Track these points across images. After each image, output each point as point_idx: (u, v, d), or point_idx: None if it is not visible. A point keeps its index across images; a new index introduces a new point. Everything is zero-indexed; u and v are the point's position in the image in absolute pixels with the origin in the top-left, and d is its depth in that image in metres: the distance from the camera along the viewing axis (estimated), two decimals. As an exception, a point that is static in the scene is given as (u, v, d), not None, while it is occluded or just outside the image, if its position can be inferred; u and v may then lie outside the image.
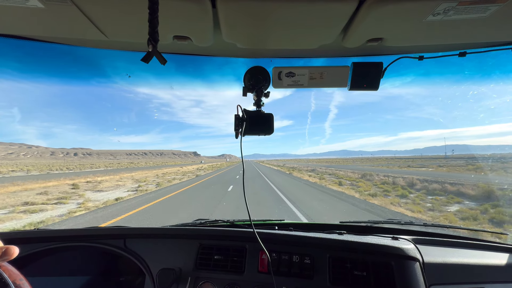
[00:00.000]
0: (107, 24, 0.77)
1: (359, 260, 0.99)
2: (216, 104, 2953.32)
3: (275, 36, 0.84)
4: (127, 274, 1.27)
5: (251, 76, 0.96)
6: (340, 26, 0.77)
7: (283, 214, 7.21)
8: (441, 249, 1.10)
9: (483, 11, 0.68)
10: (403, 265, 0.95)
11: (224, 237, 1.17)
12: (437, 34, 0.83)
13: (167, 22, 0.73)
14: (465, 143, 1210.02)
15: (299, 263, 1.02)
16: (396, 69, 1.00)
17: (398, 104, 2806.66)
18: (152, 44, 0.54)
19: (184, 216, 7.26)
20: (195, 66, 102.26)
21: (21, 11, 0.70)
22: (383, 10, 0.67)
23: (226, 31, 0.80)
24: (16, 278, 0.47)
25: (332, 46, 0.96)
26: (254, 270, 1.05)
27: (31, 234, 1.23)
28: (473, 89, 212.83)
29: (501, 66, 1.25)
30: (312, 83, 1.00)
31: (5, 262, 0.47)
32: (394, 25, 0.76)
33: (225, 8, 0.68)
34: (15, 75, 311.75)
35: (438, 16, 0.70)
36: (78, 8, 0.67)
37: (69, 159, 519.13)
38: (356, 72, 0.97)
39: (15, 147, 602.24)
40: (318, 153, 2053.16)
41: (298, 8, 0.68)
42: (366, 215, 7.31)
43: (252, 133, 0.96)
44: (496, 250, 1.11)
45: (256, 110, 0.97)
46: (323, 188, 14.19)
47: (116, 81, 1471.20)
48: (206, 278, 1.07)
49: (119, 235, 1.22)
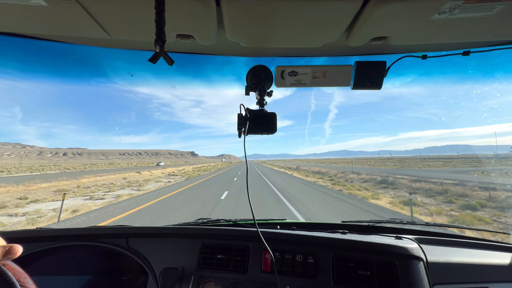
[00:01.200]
0: (110, 23, 0.77)
1: (363, 259, 0.99)
2: (216, 104, 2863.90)
3: (279, 34, 0.84)
4: (129, 273, 1.27)
5: (254, 75, 0.96)
6: (344, 25, 0.77)
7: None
8: (444, 248, 1.10)
9: (489, 9, 0.67)
10: (407, 264, 0.95)
11: (227, 237, 1.16)
12: (442, 33, 0.82)
13: (170, 21, 0.73)
14: (465, 143, 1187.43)
15: (303, 263, 1.02)
16: (397, 69, 1.00)
17: (399, 104, 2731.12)
18: (159, 44, 0.55)
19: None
20: (196, 65, 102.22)
21: (23, 9, 0.69)
22: (388, 9, 0.67)
23: (230, 29, 0.80)
24: (21, 276, 0.47)
25: (336, 45, 0.96)
26: (257, 270, 1.05)
27: (32, 234, 1.23)
28: (476, 88, 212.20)
29: (504, 65, 1.25)
30: (315, 82, 0.99)
31: (9, 261, 0.47)
32: (399, 24, 0.76)
33: (229, 6, 0.68)
34: (15, 75, 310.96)
35: (443, 14, 0.69)
36: (81, 6, 0.67)
37: (56, 159, 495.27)
38: (359, 71, 0.96)
39: (8, 146, 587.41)
40: (318, 153, 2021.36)
41: (302, 7, 0.68)
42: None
43: (255, 132, 0.96)
44: (500, 249, 1.11)
45: (259, 109, 0.97)
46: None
47: (116, 81, 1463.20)
48: (209, 277, 1.07)
49: (122, 234, 1.21)
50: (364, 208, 8.96)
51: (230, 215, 7.38)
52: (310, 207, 8.71)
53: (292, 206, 8.75)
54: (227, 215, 6.99)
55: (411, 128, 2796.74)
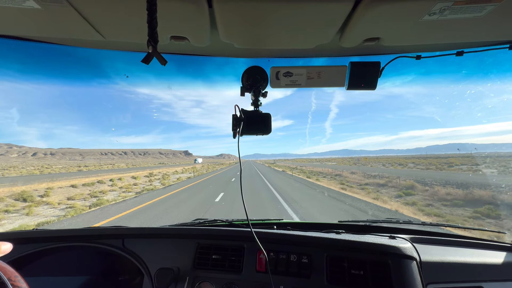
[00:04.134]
0: (104, 25, 0.77)
1: (357, 259, 0.99)
2: (217, 104, 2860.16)
3: (272, 36, 0.85)
4: (125, 274, 1.27)
5: (249, 76, 0.96)
6: (337, 26, 0.78)
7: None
8: (439, 248, 1.10)
9: (479, 10, 0.68)
10: (400, 264, 0.95)
11: (222, 237, 1.17)
12: (434, 34, 0.83)
13: (163, 23, 0.73)
14: (460, 141, 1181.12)
15: (297, 262, 1.03)
16: (396, 68, 1.00)
17: (399, 103, 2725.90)
18: (152, 45, 0.55)
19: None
20: (195, 66, 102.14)
21: (17, 12, 0.70)
22: (379, 10, 0.68)
23: (223, 31, 0.80)
24: (11, 275, 0.47)
25: (330, 45, 0.96)
26: (252, 270, 1.06)
27: (29, 235, 1.23)
28: (471, 88, 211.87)
29: (498, 65, 1.25)
30: (309, 83, 1.00)
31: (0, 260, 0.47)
32: (390, 25, 0.76)
33: (221, 8, 0.68)
34: (17, 77, 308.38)
35: (434, 16, 0.70)
36: (74, 8, 0.68)
37: (21, 159, 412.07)
38: (353, 72, 0.97)
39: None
40: (319, 152, 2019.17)
41: (294, 8, 0.68)
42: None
43: (249, 133, 0.96)
44: (494, 248, 1.12)
45: (253, 110, 0.97)
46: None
47: (116, 82, 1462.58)
48: (204, 277, 1.07)
49: (118, 235, 1.22)
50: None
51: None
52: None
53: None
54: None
55: (411, 127, 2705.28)
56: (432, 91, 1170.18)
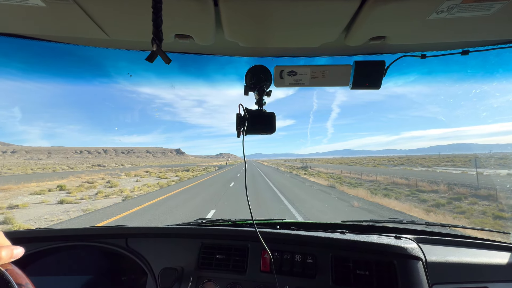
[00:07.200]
0: (109, 23, 0.77)
1: (362, 259, 0.99)
2: (218, 104, 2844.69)
3: (277, 34, 0.84)
4: (129, 273, 1.27)
5: (253, 75, 0.96)
6: (343, 25, 0.77)
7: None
8: (443, 248, 1.09)
9: (487, 8, 0.67)
10: (405, 264, 0.95)
11: (226, 237, 1.16)
12: (440, 32, 0.82)
13: (168, 21, 0.73)
14: (465, 142, 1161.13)
15: (302, 263, 1.02)
16: (399, 67, 0.99)
17: (401, 103, 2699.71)
18: (156, 43, 0.55)
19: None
20: (198, 65, 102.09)
21: (22, 9, 0.70)
22: (386, 8, 0.67)
23: (228, 29, 0.80)
24: (22, 281, 0.46)
25: (334, 44, 0.96)
26: (256, 270, 1.05)
27: (32, 234, 1.24)
28: (476, 87, 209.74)
29: (504, 64, 1.24)
30: (314, 82, 0.99)
31: (11, 264, 0.47)
32: (397, 24, 0.76)
33: (227, 6, 0.68)
34: (19, 76, 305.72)
35: (441, 14, 0.69)
36: (79, 6, 0.67)
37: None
38: (358, 71, 0.96)
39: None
40: (320, 152, 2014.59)
41: (300, 7, 0.68)
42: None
43: (254, 132, 0.96)
44: (499, 249, 1.11)
45: (258, 109, 0.97)
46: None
47: (118, 81, 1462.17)
48: (208, 277, 1.07)
49: (121, 235, 1.22)
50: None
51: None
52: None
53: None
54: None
55: (414, 127, 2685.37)
56: (435, 90, 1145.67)
